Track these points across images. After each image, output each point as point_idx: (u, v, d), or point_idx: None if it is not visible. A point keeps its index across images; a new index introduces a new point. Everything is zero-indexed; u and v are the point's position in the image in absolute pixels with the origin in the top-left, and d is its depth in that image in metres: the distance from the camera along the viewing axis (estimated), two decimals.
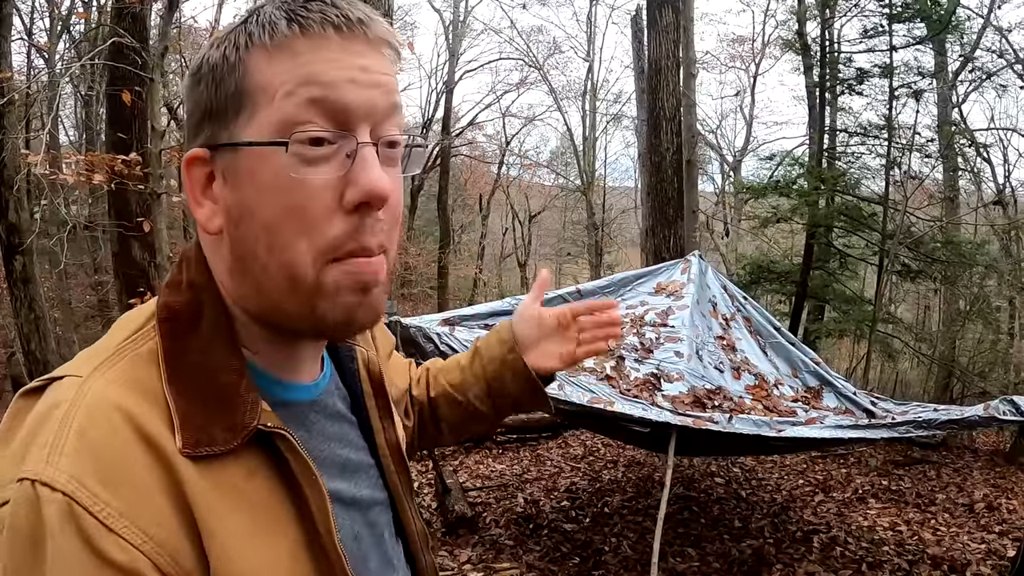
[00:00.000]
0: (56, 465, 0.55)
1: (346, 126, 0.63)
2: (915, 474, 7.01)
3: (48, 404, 0.60)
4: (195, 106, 0.66)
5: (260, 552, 0.62)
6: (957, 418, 3.75)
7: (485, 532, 5.15)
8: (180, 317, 0.66)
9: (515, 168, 23.00)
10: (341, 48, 0.62)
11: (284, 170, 0.61)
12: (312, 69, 0.61)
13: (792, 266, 10.28)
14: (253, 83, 0.62)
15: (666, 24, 8.33)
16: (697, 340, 4.53)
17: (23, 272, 7.83)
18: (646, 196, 10.12)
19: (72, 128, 15.48)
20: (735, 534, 5.11)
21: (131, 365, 0.63)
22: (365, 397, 0.83)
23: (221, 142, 0.64)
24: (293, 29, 0.61)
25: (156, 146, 5.69)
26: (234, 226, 0.65)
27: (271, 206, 0.62)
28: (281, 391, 0.71)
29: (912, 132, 9.40)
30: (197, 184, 0.66)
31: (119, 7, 7.47)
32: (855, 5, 9.49)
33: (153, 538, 0.56)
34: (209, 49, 0.65)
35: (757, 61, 19.25)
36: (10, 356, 13.00)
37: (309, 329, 0.68)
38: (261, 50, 0.62)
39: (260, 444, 0.64)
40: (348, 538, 0.71)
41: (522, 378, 1.07)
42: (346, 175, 0.63)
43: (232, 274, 0.67)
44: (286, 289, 0.64)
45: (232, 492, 0.61)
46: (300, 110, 0.61)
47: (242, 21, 0.64)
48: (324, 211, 0.62)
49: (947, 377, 10.14)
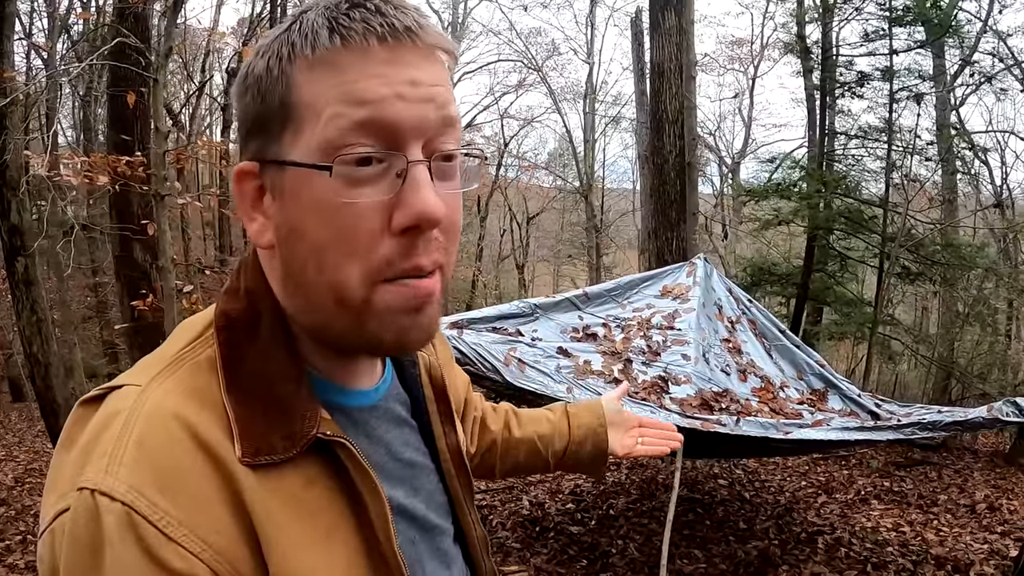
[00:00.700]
0: (115, 475, 0.55)
1: (395, 144, 0.59)
2: (916, 475, 7.03)
3: (107, 413, 0.60)
4: (243, 116, 0.64)
5: (318, 560, 0.62)
6: (961, 420, 3.77)
7: (492, 535, 5.15)
8: (238, 325, 0.66)
9: (513, 170, 23.02)
10: (387, 61, 0.59)
11: (330, 193, 0.59)
12: (356, 87, 0.58)
13: (792, 268, 10.29)
14: (297, 98, 0.60)
15: (668, 27, 8.34)
16: (704, 343, 4.54)
17: (25, 274, 7.80)
18: (648, 198, 10.13)
19: (70, 129, 15.45)
20: (740, 536, 5.12)
21: (189, 374, 0.63)
22: (427, 402, 0.83)
23: (268, 157, 0.62)
24: (335, 41, 0.58)
25: (159, 147, 5.68)
26: (283, 244, 0.64)
27: (318, 228, 0.60)
28: (341, 397, 0.70)
29: (913, 135, 9.43)
30: (247, 198, 0.65)
31: (121, 7, 7.47)
32: (855, 8, 9.51)
33: (212, 546, 0.56)
34: (255, 58, 0.63)
35: (756, 63, 19.37)
36: (8, 358, 12.98)
37: (360, 348, 0.67)
38: (303, 63, 0.59)
39: (319, 452, 0.64)
40: (405, 543, 0.71)
41: (598, 451, 1.21)
42: (396, 196, 0.60)
43: (285, 288, 0.67)
44: (335, 309, 0.62)
45: (291, 501, 0.61)
46: (345, 131, 0.58)
47: (285, 28, 0.62)
48: (372, 234, 0.60)
49: (946, 379, 10.18)
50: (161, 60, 5.92)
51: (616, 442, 1.23)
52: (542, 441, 1.19)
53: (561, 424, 1.22)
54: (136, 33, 6.68)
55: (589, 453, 1.21)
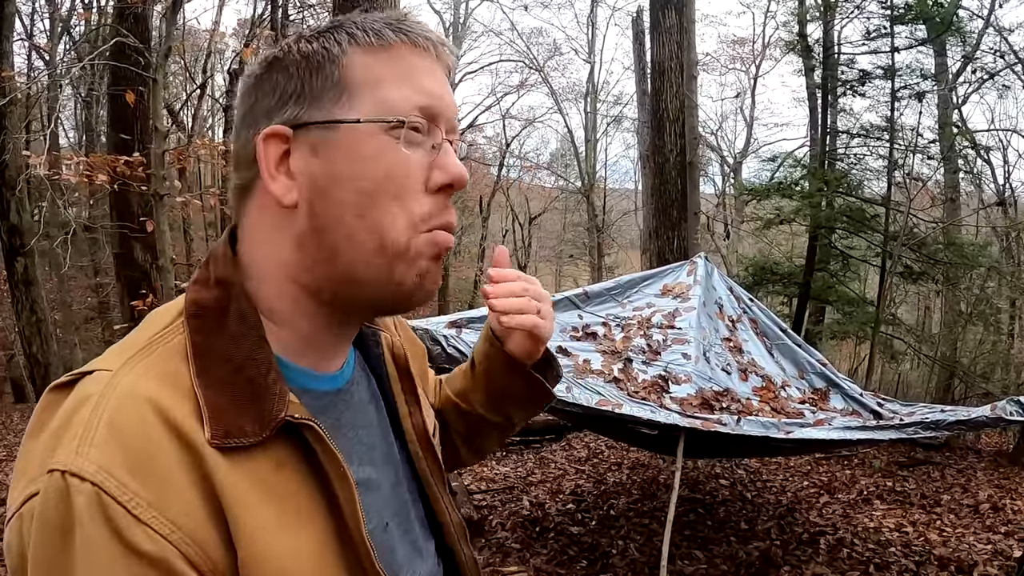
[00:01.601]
0: (86, 456, 0.56)
1: (435, 123, 0.71)
2: (919, 475, 7.00)
3: (78, 397, 0.61)
4: (274, 89, 0.70)
5: (287, 543, 0.63)
6: (965, 419, 3.74)
7: (492, 535, 5.14)
8: (208, 312, 0.68)
9: (515, 170, 23.03)
10: (434, 63, 0.73)
11: (389, 146, 0.68)
12: (417, 74, 0.71)
13: (794, 267, 10.26)
14: (356, 75, 0.69)
15: (669, 26, 8.33)
16: (704, 342, 4.52)
17: (24, 274, 7.82)
18: (649, 198, 10.12)
19: (72, 129, 15.47)
20: (742, 536, 5.09)
21: (160, 359, 0.64)
22: (391, 380, 0.85)
23: (316, 119, 0.68)
24: (400, 38, 0.70)
25: (159, 147, 5.68)
26: (319, 196, 0.68)
27: (370, 176, 0.67)
28: (309, 381, 0.72)
29: (915, 134, 9.40)
30: (272, 159, 0.69)
31: (121, 8, 7.47)
32: (856, 7, 9.49)
33: (181, 528, 0.57)
34: (296, 42, 0.71)
35: (757, 63, 19.33)
36: (10, 358, 12.99)
37: (378, 294, 0.71)
38: (366, 48, 0.70)
39: (289, 435, 0.65)
40: (377, 528, 0.72)
41: (509, 368, 0.98)
42: (432, 162, 0.71)
43: (302, 246, 0.69)
44: (371, 251, 0.68)
45: (260, 483, 0.62)
46: (406, 101, 0.69)
47: (336, 25, 0.71)
48: (416, 187, 0.69)
49: (949, 378, 10.14)
50: (160, 60, 5.92)
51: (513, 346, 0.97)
52: (461, 397, 1.05)
53: (474, 371, 1.04)
54: (136, 34, 6.68)
55: (507, 379, 0.99)
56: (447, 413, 1.07)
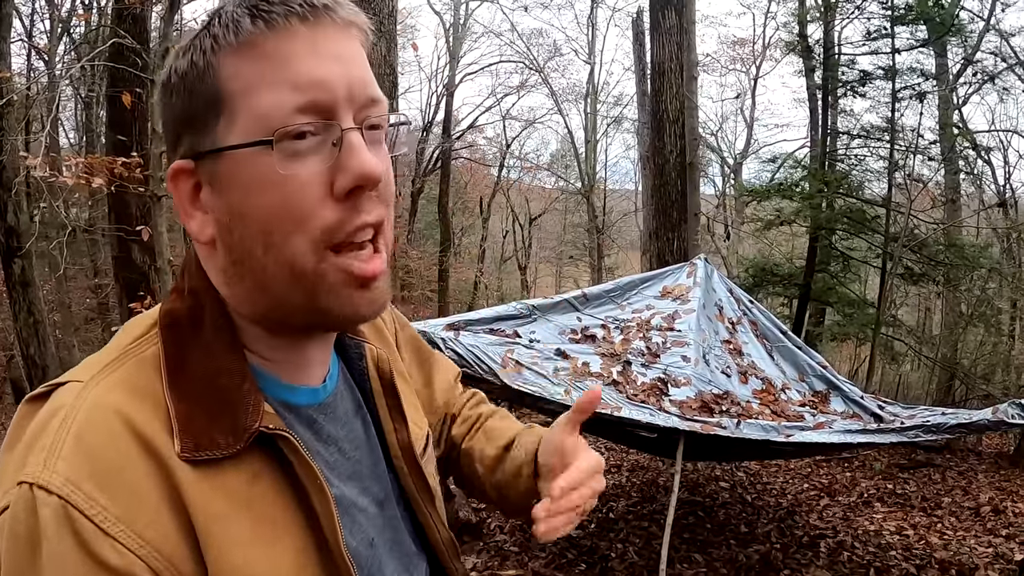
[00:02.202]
0: (53, 468, 0.55)
1: (328, 116, 0.61)
2: (920, 478, 6.98)
3: (49, 410, 0.60)
4: (170, 117, 0.65)
5: (262, 558, 0.61)
6: (966, 422, 3.72)
7: (490, 539, 5.11)
8: (181, 323, 0.66)
9: (515, 171, 22.99)
10: (310, 38, 0.61)
11: (271, 168, 0.60)
12: (285, 66, 0.60)
13: (794, 269, 10.25)
14: (227, 87, 0.61)
15: (669, 26, 8.32)
16: (704, 344, 4.50)
17: (22, 275, 7.79)
18: (649, 199, 10.09)
19: (72, 131, 15.46)
20: (741, 539, 5.07)
21: (133, 370, 0.63)
22: (375, 396, 0.81)
23: (204, 150, 0.63)
24: (258, 25, 0.60)
25: (156, 148, 5.65)
26: (227, 231, 0.64)
27: (262, 206, 0.61)
28: (288, 394, 0.70)
29: (915, 135, 9.38)
30: (185, 196, 0.66)
31: (119, 8, 7.45)
32: (857, 7, 9.48)
33: (149, 542, 0.56)
34: (175, 59, 0.64)
35: (758, 63, 19.29)
36: (9, 360, 12.96)
37: (315, 323, 0.68)
38: (229, 51, 0.61)
39: (264, 447, 0.63)
40: (363, 544, 0.70)
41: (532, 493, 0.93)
42: (335, 164, 0.61)
43: (229, 280, 0.66)
44: (287, 284, 0.63)
45: (233, 497, 0.61)
46: (279, 107, 0.60)
47: (204, 25, 0.63)
48: (316, 202, 0.61)
49: (950, 380, 10.13)
50: (158, 61, 5.90)
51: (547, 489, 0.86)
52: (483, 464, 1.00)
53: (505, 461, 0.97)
54: (134, 34, 6.66)
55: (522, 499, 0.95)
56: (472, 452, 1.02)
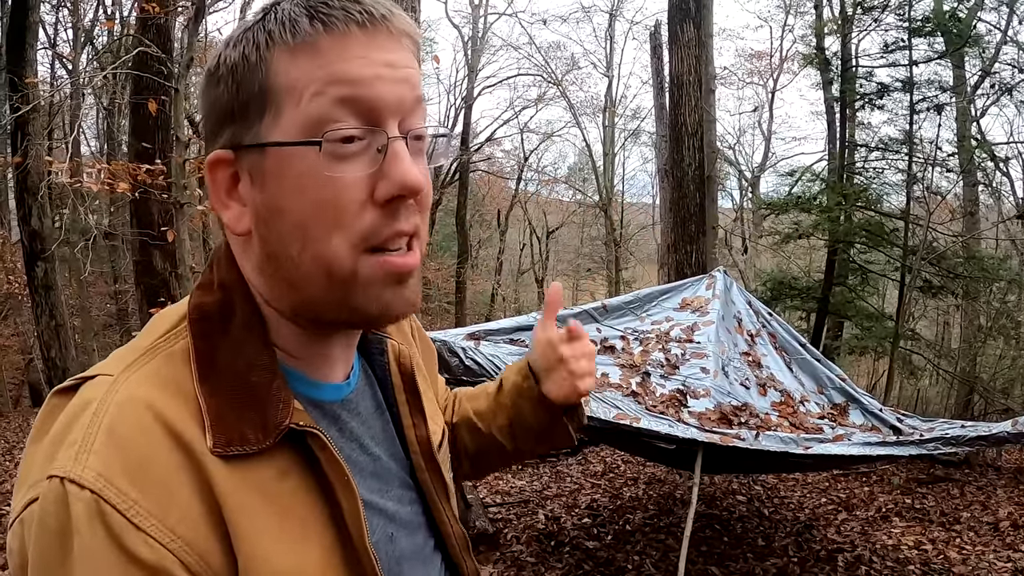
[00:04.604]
0: (85, 463, 0.55)
1: (376, 122, 0.63)
2: (938, 492, 6.91)
3: (79, 403, 0.60)
4: (212, 107, 0.66)
5: (289, 554, 0.61)
6: (985, 434, 3.69)
7: (507, 549, 5.11)
8: (211, 317, 0.66)
9: (533, 184, 23.05)
10: (365, 44, 0.62)
11: (316, 168, 0.61)
12: (339, 67, 0.61)
13: (813, 282, 10.20)
14: (277, 83, 0.61)
15: (688, 39, 8.33)
16: (723, 356, 4.49)
17: (45, 279, 7.90)
18: (667, 212, 10.09)
19: (94, 139, 15.65)
20: (759, 552, 5.04)
21: (163, 364, 0.63)
22: (395, 391, 0.82)
23: (246, 143, 0.64)
24: (316, 27, 0.61)
25: (180, 156, 5.73)
26: (264, 225, 0.65)
27: (303, 204, 0.62)
28: (313, 391, 0.71)
29: (933, 147, 9.33)
30: (222, 186, 0.66)
31: (143, 18, 7.56)
32: (874, 20, 9.46)
33: (181, 537, 0.56)
34: (226, 49, 0.64)
35: (775, 76, 19.25)
36: (28, 362, 13.10)
37: (345, 320, 0.68)
38: (283, 49, 0.61)
39: (293, 444, 0.64)
40: (383, 539, 0.71)
41: (540, 408, 0.98)
42: (378, 170, 0.63)
43: (263, 273, 0.67)
44: (322, 283, 0.64)
45: (263, 493, 0.61)
46: (330, 109, 0.61)
47: (259, 19, 0.63)
48: (356, 205, 0.62)
49: (968, 394, 10.01)
50: (182, 70, 5.99)
51: (560, 386, 0.96)
52: (480, 418, 1.04)
53: (500, 395, 1.03)
54: (158, 44, 6.76)
55: (534, 417, 0.99)
56: (459, 428, 1.06)
